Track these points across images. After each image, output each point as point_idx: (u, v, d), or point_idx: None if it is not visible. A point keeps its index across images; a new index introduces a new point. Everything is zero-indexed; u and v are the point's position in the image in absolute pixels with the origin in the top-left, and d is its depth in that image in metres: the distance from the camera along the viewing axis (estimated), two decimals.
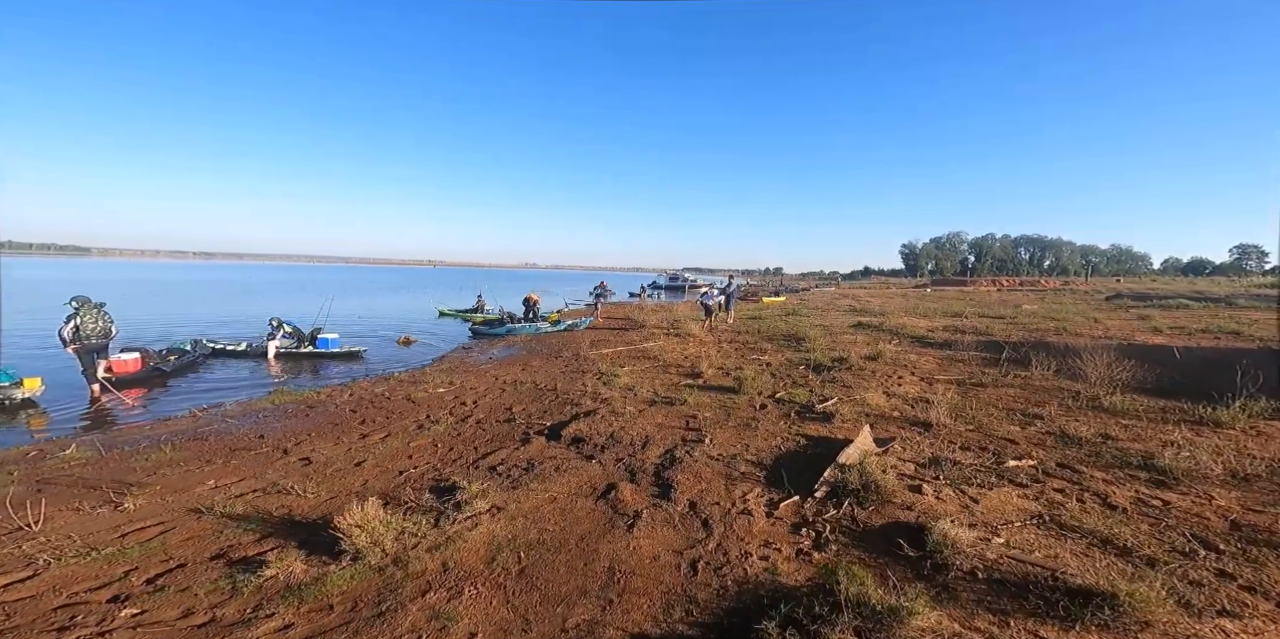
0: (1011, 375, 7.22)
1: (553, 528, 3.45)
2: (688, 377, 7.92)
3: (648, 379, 7.86)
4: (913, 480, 3.85)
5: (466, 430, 5.61)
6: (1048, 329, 12.81)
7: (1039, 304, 22.98)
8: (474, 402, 6.83)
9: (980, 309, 19.28)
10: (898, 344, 10.63)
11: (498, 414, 6.22)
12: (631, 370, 8.56)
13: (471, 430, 5.60)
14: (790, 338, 11.91)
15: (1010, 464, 4.10)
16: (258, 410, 6.37)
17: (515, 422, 5.86)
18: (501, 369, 9.18)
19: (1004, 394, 6.36)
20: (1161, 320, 14.63)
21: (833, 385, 7.00)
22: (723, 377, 7.76)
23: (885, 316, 15.95)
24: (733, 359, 9.24)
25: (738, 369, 8.18)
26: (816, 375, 7.71)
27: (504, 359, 10.54)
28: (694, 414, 5.83)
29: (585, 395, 6.90)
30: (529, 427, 5.66)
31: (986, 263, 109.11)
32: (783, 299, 28.27)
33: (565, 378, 8.20)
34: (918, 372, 7.87)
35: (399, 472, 4.45)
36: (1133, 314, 17.07)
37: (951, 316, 16.50)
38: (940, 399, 5.94)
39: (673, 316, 17.36)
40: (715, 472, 4.24)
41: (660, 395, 6.74)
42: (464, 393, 7.32)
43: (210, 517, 3.53)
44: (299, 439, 5.28)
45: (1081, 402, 5.81)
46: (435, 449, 5.03)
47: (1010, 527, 3.17)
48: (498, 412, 6.33)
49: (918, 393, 6.56)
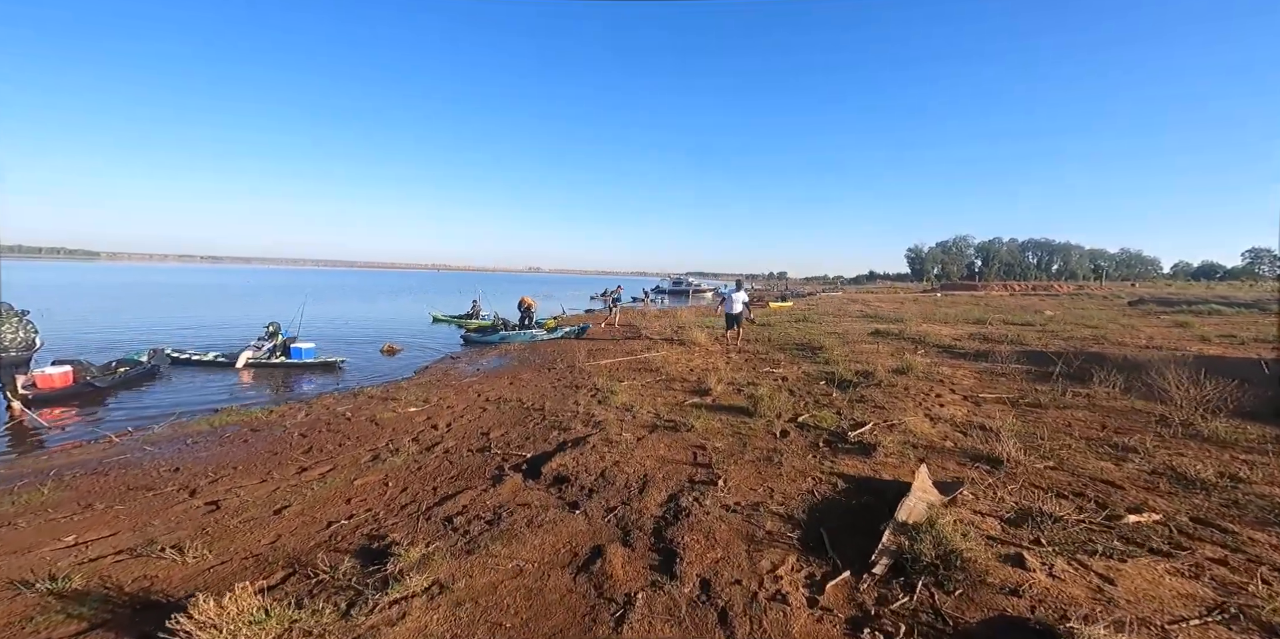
0: (1070, 393, 6.23)
1: (511, 623, 2.50)
2: (694, 394, 6.96)
3: (649, 396, 6.91)
4: (1006, 546, 2.88)
5: (430, 463, 4.67)
6: (1085, 337, 11.79)
7: (1059, 309, 21.92)
8: (448, 424, 5.89)
9: (1001, 315, 18.26)
10: (924, 354, 9.65)
11: (472, 441, 5.28)
12: (631, 386, 7.61)
13: (436, 463, 4.66)
14: (804, 347, 10.94)
15: (1129, 520, 3.12)
16: (190, 435, 5.45)
17: (490, 452, 4.91)
18: (487, 383, 8.25)
19: (1071, 418, 5.37)
20: (1204, 328, 13.58)
21: (862, 406, 6.03)
22: (734, 394, 6.81)
23: (903, 323, 14.96)
24: (744, 373, 8.28)
25: (751, 385, 7.22)
26: (841, 393, 6.74)
27: (492, 371, 9.61)
28: (703, 444, 4.87)
29: (576, 417, 5.96)
30: (505, 459, 4.72)
31: (994, 267, 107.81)
32: (790, 304, 27.29)
33: (556, 394, 7.26)
34: (957, 388, 6.89)
35: (327, 523, 3.51)
36: (1166, 320, 16.02)
37: (974, 323, 15.49)
38: (999, 424, 4.97)
39: (677, 323, 16.42)
40: (733, 529, 3.28)
41: (663, 418, 5.79)
42: (439, 413, 6.39)
43: (36, 592, 2.61)
44: (219, 474, 4.35)
45: (1172, 428, 4.81)
46: (385, 489, 4.09)
47: (1186, 628, 2.19)
48: (472, 438, 5.39)
49: (965, 416, 5.58)
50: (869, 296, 38.40)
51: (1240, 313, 18.43)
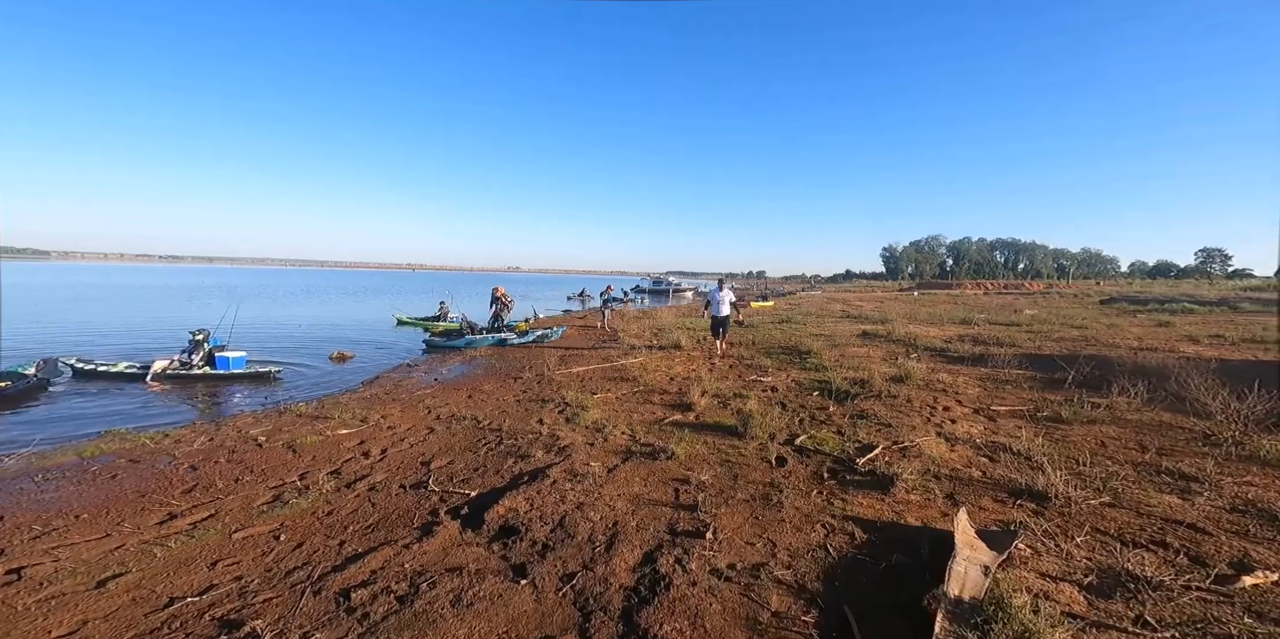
0: (1088, 404, 5.63)
1: None
2: (675, 409, 6.15)
3: (624, 412, 6.07)
4: (1105, 633, 2.13)
5: (345, 506, 3.73)
6: (1075, 338, 11.42)
7: (1037, 308, 21.90)
8: (383, 451, 4.94)
9: (984, 314, 17.99)
10: (918, 358, 9.05)
11: (407, 474, 4.35)
12: (605, 398, 6.76)
13: (353, 506, 3.73)
14: (791, 351, 10.25)
15: (1245, 582, 2.42)
16: (44, 470, 4.35)
17: (427, 489, 4.00)
18: (442, 396, 7.28)
19: (1102, 436, 4.74)
20: (1186, 327, 13.44)
21: (865, 423, 5.31)
22: (720, 409, 6.02)
23: (889, 324, 14.47)
24: (729, 382, 7.51)
25: (738, 397, 6.45)
26: (838, 406, 6.02)
27: (451, 381, 8.63)
28: (686, 476, 4.06)
29: (538, 441, 5.08)
30: (444, 499, 3.82)
31: (964, 266, 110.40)
32: (771, 304, 26.79)
33: (519, 410, 6.36)
34: (964, 399, 6.24)
35: (167, 601, 2.58)
36: (1146, 319, 15.95)
37: (960, 324, 15.11)
38: (1026, 445, 4.28)
39: (656, 325, 15.62)
40: (727, 610, 2.47)
41: (639, 441, 4.96)
42: (376, 435, 5.43)
43: None
44: (50, 527, 3.33)
45: (1223, 448, 4.20)
46: (272, 545, 3.15)
47: None
48: (409, 469, 4.46)
49: (982, 434, 4.90)
50: (848, 296, 38.34)
51: (1212, 311, 18.59)
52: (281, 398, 7.43)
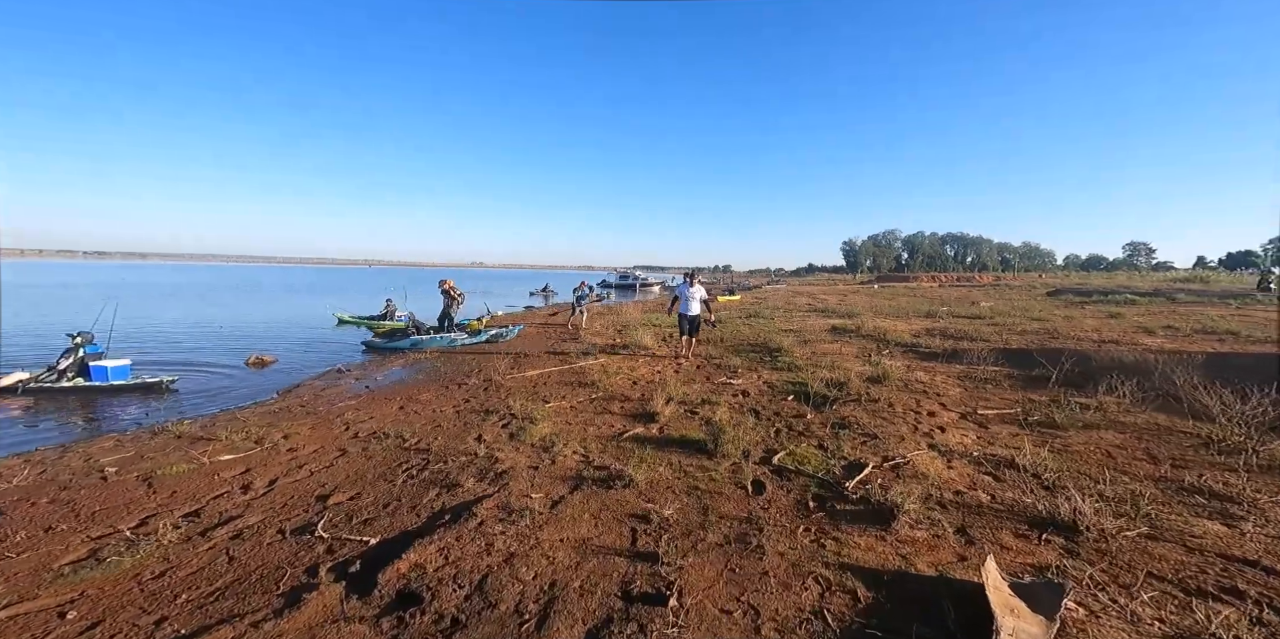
0: (1076, 404, 5.25)
1: None
2: (637, 419, 5.43)
3: (579, 424, 5.30)
4: None
5: (188, 563, 2.83)
6: (1037, 331, 11.39)
7: (992, 300, 22.41)
8: (270, 482, 4.00)
9: (945, 307, 18.14)
10: (891, 355, 8.67)
11: (293, 513, 3.45)
12: (558, 408, 5.97)
13: (200, 562, 2.83)
14: (761, 348, 9.72)
15: None
16: None
17: (313, 535, 3.13)
18: (368, 408, 6.31)
19: (1104, 444, 4.31)
20: (1137, 318, 13.76)
21: (848, 434, 4.73)
22: (687, 419, 5.34)
23: (856, 319, 14.22)
24: (697, 385, 6.85)
25: (706, 404, 5.79)
26: (816, 412, 5.44)
27: (385, 389, 7.62)
28: (646, 511, 3.34)
29: (472, 465, 4.25)
30: (333, 549, 2.97)
31: (919, 259, 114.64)
32: (738, 298, 26.51)
33: (456, 425, 5.49)
34: (947, 401, 5.79)
35: None
36: (1097, 311, 16.36)
37: (926, 317, 15.05)
38: (1028, 458, 3.78)
39: (621, 321, 14.87)
40: None
41: (593, 463, 4.21)
42: (269, 461, 4.45)
43: None
44: None
45: (1244, 457, 3.81)
46: (48, 630, 2.24)
47: None
48: (297, 507, 3.56)
49: (977, 444, 4.40)
50: (812, 289, 38.66)
51: (1152, 302, 19.42)
52: (167, 414, 6.27)
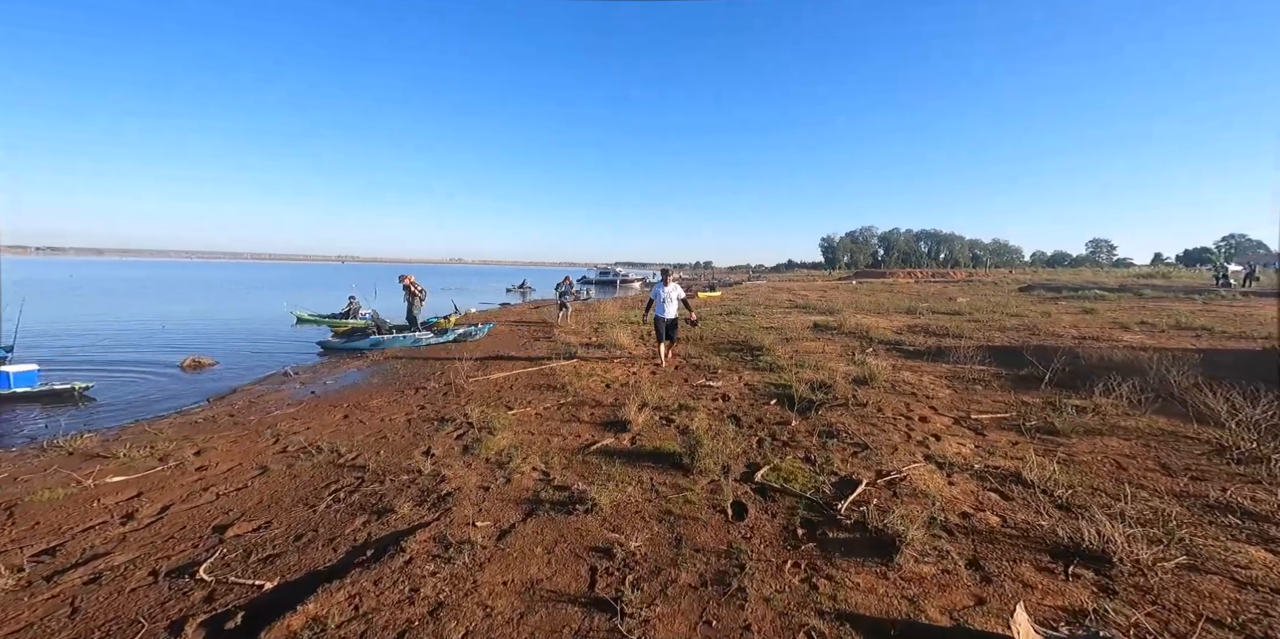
0: (1073, 408, 4.96)
1: None
2: (607, 428, 4.94)
3: (542, 435, 4.79)
4: None
5: (14, 617, 2.24)
6: (1017, 328, 11.28)
7: (967, 296, 22.54)
8: (162, 509, 3.40)
9: (923, 303, 18.09)
10: (875, 354, 8.36)
11: (177, 549, 2.87)
12: (522, 415, 5.45)
13: (29, 616, 2.25)
14: (742, 347, 9.32)
15: None
16: None
17: (193, 577, 2.56)
18: (307, 417, 5.68)
19: (1111, 452, 4.00)
20: (1111, 314, 13.85)
21: (836, 443, 4.33)
22: (661, 428, 4.87)
23: (838, 315, 13.97)
24: (674, 389, 6.39)
25: (683, 410, 5.34)
26: (801, 418, 5.04)
27: (332, 394, 6.96)
28: (610, 543, 2.86)
29: (413, 485, 3.71)
30: (214, 597, 2.41)
31: (894, 256, 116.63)
32: (719, 294, 26.19)
33: (405, 436, 4.92)
34: (938, 405, 5.45)
35: None
36: (1070, 306, 16.50)
37: (906, 313, 14.90)
38: (1033, 471, 3.42)
39: (597, 319, 14.35)
40: None
41: (553, 482, 3.71)
42: (169, 482, 3.83)
43: None
44: None
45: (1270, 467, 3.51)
46: None
47: None
48: (185, 541, 2.97)
49: (976, 454, 4.04)
50: (793, 284, 38.63)
51: (1120, 297, 19.77)
52: (71, 426, 5.52)
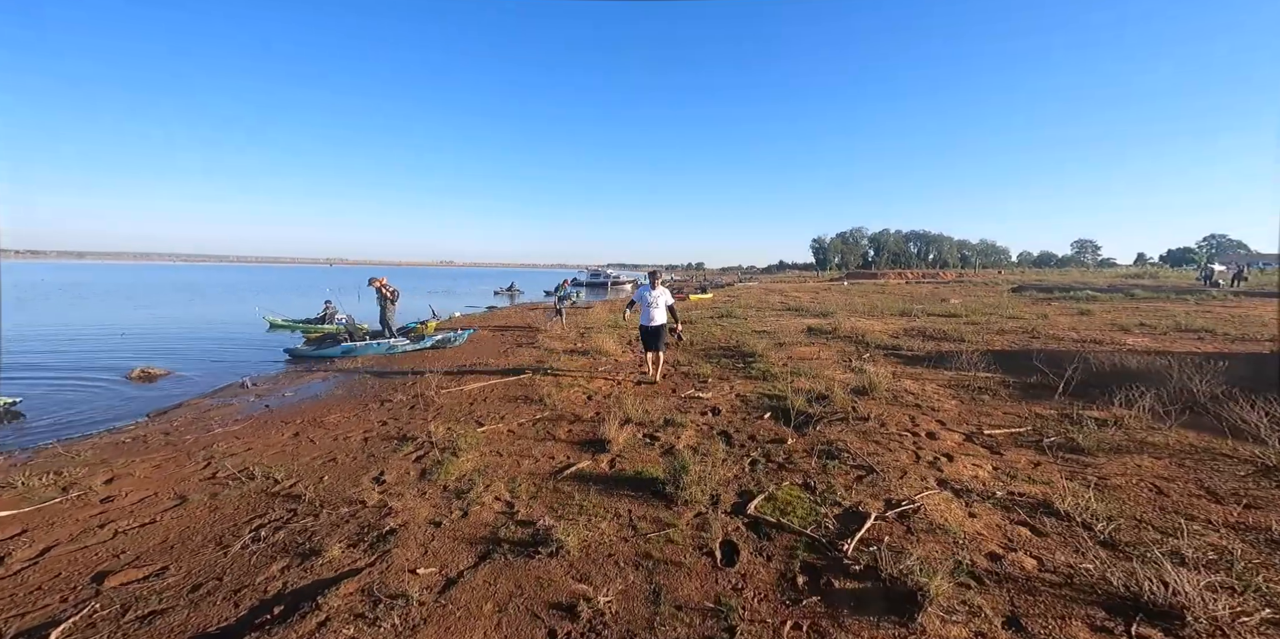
0: (1093, 421, 4.55)
1: None
2: (584, 447, 4.46)
3: (512, 456, 4.29)
4: None
5: None
6: (1016, 331, 10.95)
7: (960, 297, 22.31)
8: (43, 550, 2.87)
9: (917, 305, 17.78)
10: (872, 359, 7.96)
11: (38, 603, 2.36)
12: (493, 432, 4.94)
13: None
14: (734, 353, 8.88)
15: None
16: None
17: None
18: (250, 436, 5.13)
19: (1147, 473, 3.58)
20: (1107, 315, 13.61)
21: (838, 465, 3.87)
22: (645, 448, 4.39)
23: (831, 318, 13.61)
24: (660, 401, 5.91)
25: (669, 427, 4.86)
26: (798, 435, 4.58)
27: (288, 408, 6.40)
28: (575, 597, 2.38)
29: (353, 520, 3.20)
30: None
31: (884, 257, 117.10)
32: (710, 296, 25.80)
33: (358, 458, 4.39)
34: (946, 418, 5.02)
35: None
36: (1065, 308, 16.27)
37: (901, 316, 14.56)
38: (1072, 502, 2.99)
39: (585, 323, 13.86)
40: None
41: (517, 515, 3.22)
42: (62, 517, 3.29)
43: None
44: None
45: None
46: None
47: None
48: (55, 591, 2.45)
49: (995, 477, 3.60)
50: (784, 286, 38.35)
51: (1113, 298, 19.64)
52: None
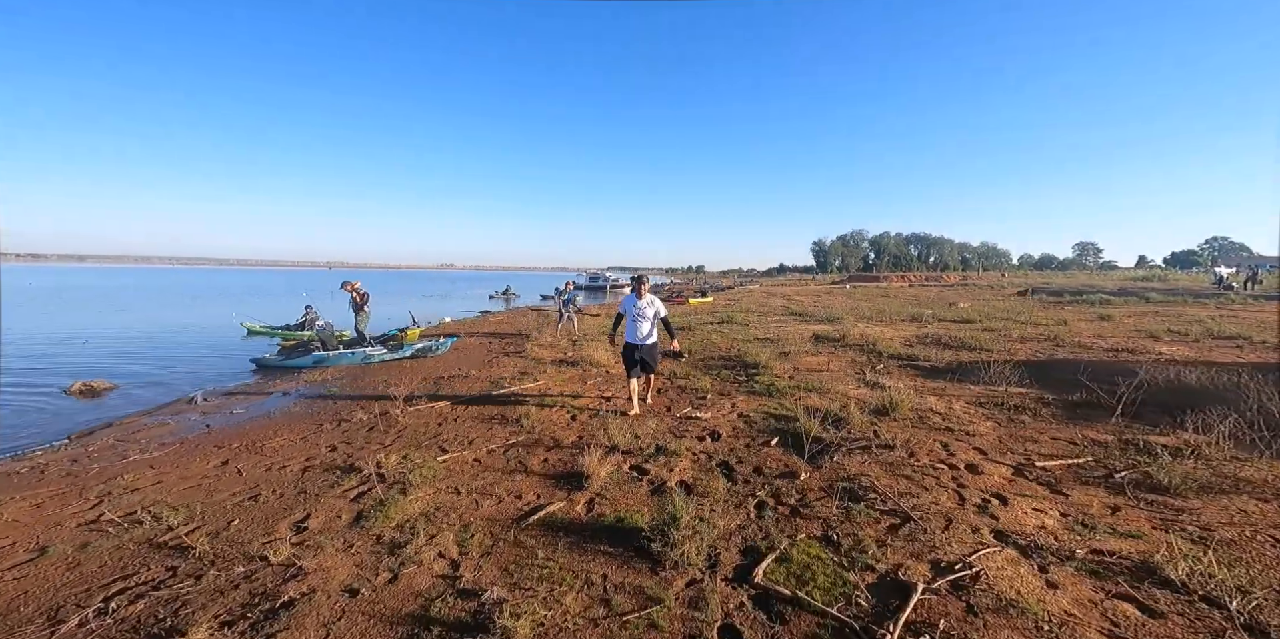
0: (1161, 449, 3.84)
1: None
2: (559, 481, 3.74)
3: (471, 496, 3.58)
4: None
5: None
6: (1037, 337, 10.23)
7: (967, 301, 21.58)
8: None
9: (926, 309, 17.06)
10: (887, 370, 7.25)
11: None
12: (456, 462, 4.23)
13: None
14: (735, 363, 8.16)
15: None
16: None
17: None
18: (168, 466, 4.41)
19: (1260, 521, 2.86)
20: (1128, 320, 12.90)
21: (863, 511, 3.15)
22: (630, 484, 3.67)
23: (837, 324, 12.89)
24: (652, 422, 5.19)
25: (660, 455, 4.14)
26: (812, 468, 3.86)
27: (229, 429, 5.68)
28: None
29: (243, 585, 2.47)
30: None
31: (885, 259, 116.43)
32: (710, 300, 25.11)
33: (285, 495, 3.68)
34: (984, 443, 4.31)
35: None
36: (1079, 312, 15.56)
37: (911, 321, 13.85)
38: (1185, 567, 2.28)
39: (576, 329, 13.15)
40: None
41: (460, 581, 2.50)
42: None
43: None
44: None
45: None
46: None
47: None
48: None
49: (1065, 526, 2.88)
50: (786, 289, 37.63)
51: (1128, 301, 18.94)
52: None
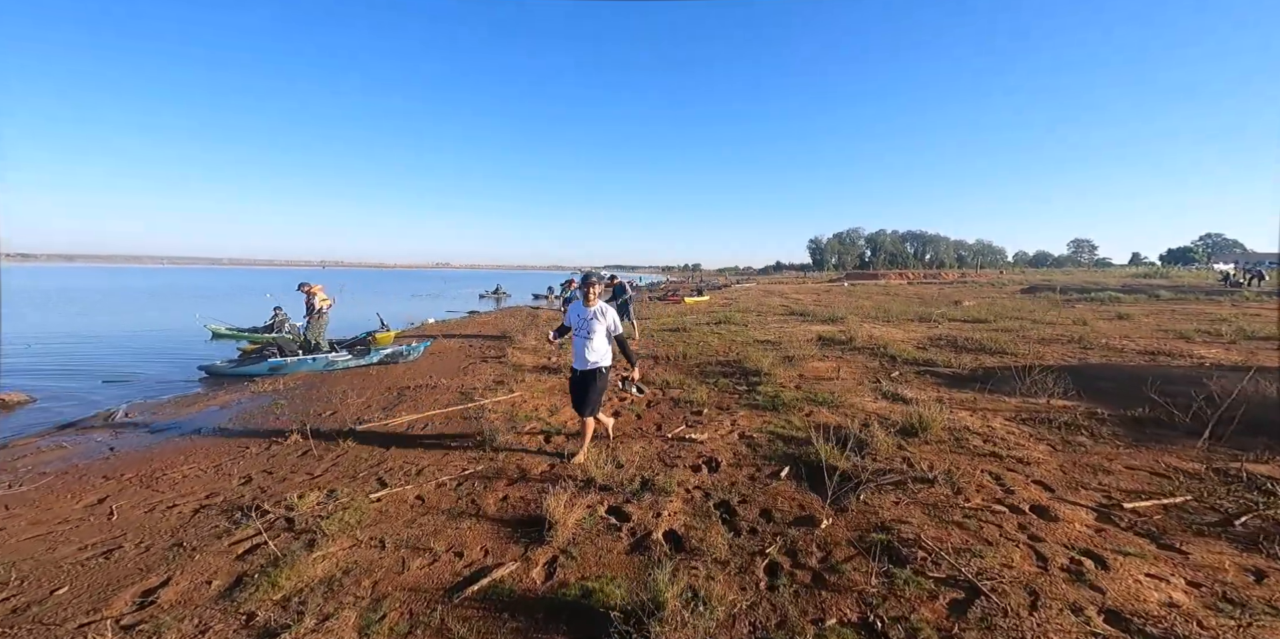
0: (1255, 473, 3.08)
1: None
2: (517, 531, 2.93)
3: (399, 551, 2.76)
4: None
5: None
6: (1059, 339, 9.47)
7: (972, 299, 20.84)
8: None
9: (934, 308, 16.31)
10: (904, 379, 6.47)
11: None
12: (393, 499, 3.41)
13: None
14: (734, 369, 7.35)
15: None
16: None
17: None
18: (23, 505, 3.57)
19: None
20: (1151, 319, 12.19)
21: (910, 577, 2.36)
22: (604, 536, 2.86)
23: (842, 323, 12.12)
24: (638, 445, 4.38)
25: (645, 492, 3.34)
26: (834, 512, 3.06)
27: (135, 453, 4.80)
28: None
29: None
30: None
31: (881, 257, 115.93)
32: (707, 298, 24.30)
33: (149, 551, 2.85)
34: (1043, 474, 3.52)
35: None
36: (1092, 311, 14.84)
37: (919, 321, 13.08)
38: None
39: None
40: None
41: None
42: None
43: None
44: None
45: None
46: None
47: None
48: None
49: (1201, 603, 2.11)
50: (784, 287, 36.85)
51: (1138, 299, 18.26)
52: None
